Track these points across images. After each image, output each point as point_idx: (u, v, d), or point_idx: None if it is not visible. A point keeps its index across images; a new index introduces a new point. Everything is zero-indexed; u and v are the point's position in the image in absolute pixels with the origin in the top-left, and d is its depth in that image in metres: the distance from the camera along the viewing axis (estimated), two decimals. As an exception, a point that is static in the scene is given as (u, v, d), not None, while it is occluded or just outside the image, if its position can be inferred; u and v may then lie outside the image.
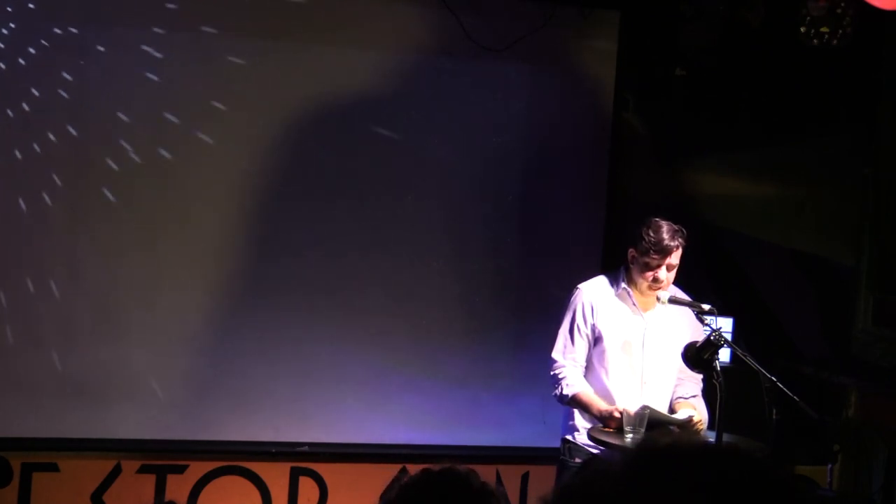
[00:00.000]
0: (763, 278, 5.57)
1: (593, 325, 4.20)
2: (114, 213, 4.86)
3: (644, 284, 4.13)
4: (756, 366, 3.86)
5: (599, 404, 4.09)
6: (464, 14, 5.08)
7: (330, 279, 5.08)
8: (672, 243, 4.06)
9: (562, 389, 4.18)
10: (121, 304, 4.88)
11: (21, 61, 4.72)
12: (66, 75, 4.77)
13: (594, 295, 4.24)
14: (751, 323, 5.30)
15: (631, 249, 4.16)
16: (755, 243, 5.55)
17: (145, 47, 4.86)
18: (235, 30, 4.97)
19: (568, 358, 4.23)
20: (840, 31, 4.43)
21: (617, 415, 3.98)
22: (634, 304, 4.20)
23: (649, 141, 5.46)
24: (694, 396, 4.25)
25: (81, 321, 4.84)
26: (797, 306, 5.60)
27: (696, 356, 3.93)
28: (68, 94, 4.78)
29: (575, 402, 4.16)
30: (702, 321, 3.99)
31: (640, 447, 1.24)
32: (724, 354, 4.13)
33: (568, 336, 4.24)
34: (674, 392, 4.28)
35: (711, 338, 3.87)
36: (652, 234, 4.06)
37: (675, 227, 4.09)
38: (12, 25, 4.71)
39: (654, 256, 4.07)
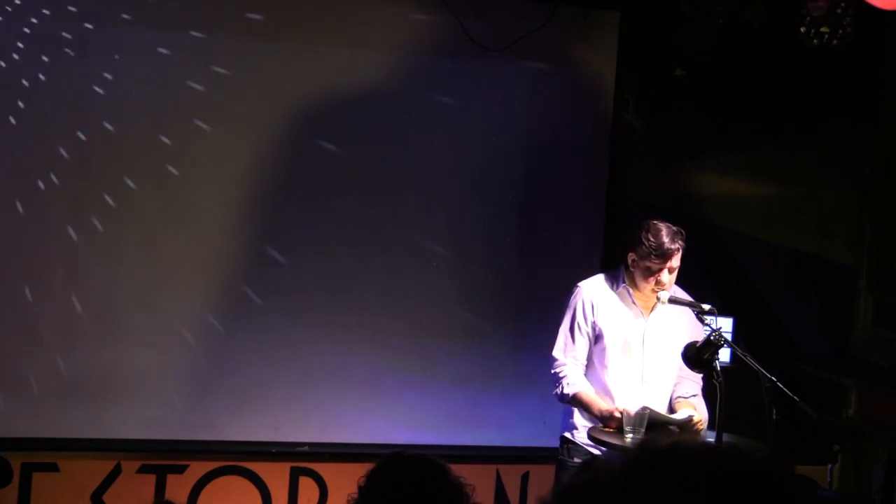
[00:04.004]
0: (763, 278, 5.57)
1: (593, 322, 4.20)
2: (114, 213, 4.87)
3: (647, 287, 4.11)
4: (756, 366, 3.85)
5: (600, 404, 4.09)
6: (464, 14, 5.08)
7: (330, 279, 5.08)
8: (673, 246, 4.04)
9: (562, 388, 4.17)
10: (121, 304, 4.88)
11: (21, 61, 4.72)
12: (65, 75, 4.78)
13: (594, 293, 4.23)
14: (751, 323, 5.31)
15: (630, 253, 4.13)
16: (755, 243, 5.55)
17: (145, 47, 4.86)
18: (235, 30, 4.97)
19: (569, 356, 4.23)
20: (840, 31, 4.43)
21: (617, 415, 3.98)
22: (634, 303, 4.20)
23: (649, 141, 5.46)
24: (694, 396, 4.24)
25: (81, 321, 4.84)
26: (797, 306, 5.60)
27: (696, 356, 3.92)
28: (68, 94, 4.79)
29: (575, 401, 4.16)
30: (702, 321, 3.99)
31: (641, 448, 1.24)
32: (724, 354, 4.12)
33: (568, 334, 4.23)
34: (674, 391, 4.28)
35: (711, 338, 3.87)
36: (652, 239, 4.03)
37: (675, 230, 4.08)
38: (11, 25, 4.71)
39: (655, 261, 4.05)
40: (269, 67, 5.00)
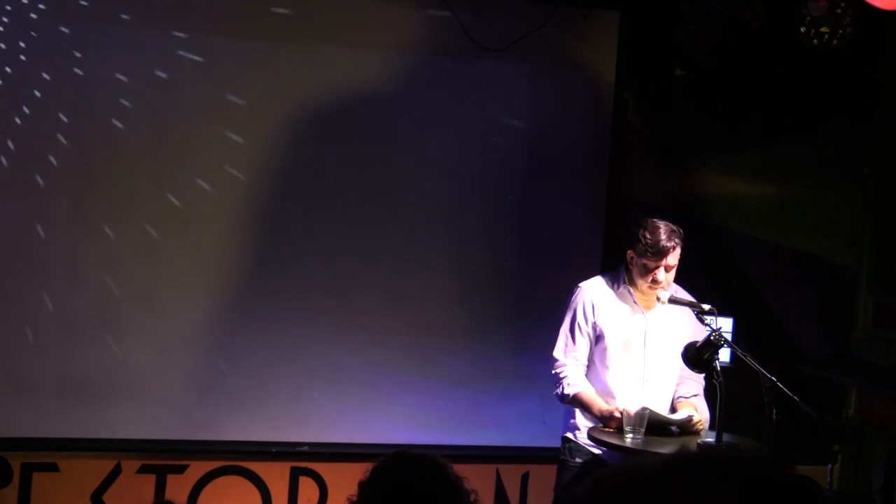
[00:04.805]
0: (763, 278, 5.57)
1: (594, 323, 4.20)
2: (114, 212, 4.86)
3: (644, 285, 4.13)
4: (756, 366, 3.86)
5: (600, 404, 4.10)
6: (464, 14, 5.08)
7: (330, 279, 5.08)
8: (669, 244, 4.06)
9: (563, 388, 4.18)
10: (121, 304, 4.88)
11: (21, 62, 4.72)
12: (66, 75, 4.77)
13: (595, 293, 4.24)
14: (751, 323, 5.30)
15: (629, 251, 4.16)
16: (755, 243, 5.55)
17: (145, 47, 4.86)
18: (235, 30, 4.97)
19: (569, 356, 4.23)
20: (840, 31, 4.43)
21: (617, 415, 3.98)
22: (635, 303, 4.21)
23: (649, 141, 5.45)
24: (695, 396, 4.25)
25: (81, 321, 4.84)
26: (797, 306, 5.60)
27: (696, 356, 3.93)
28: (69, 94, 4.78)
29: (576, 401, 4.17)
30: (702, 321, 3.99)
31: (679, 451, 1.27)
32: (724, 354, 4.13)
33: (569, 335, 4.24)
34: (675, 391, 4.28)
35: (711, 338, 3.88)
36: (649, 236, 4.06)
37: (672, 228, 4.09)
38: (12, 25, 4.71)
39: (652, 258, 4.07)
40: (269, 67, 4.99)
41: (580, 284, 4.30)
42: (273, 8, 5.01)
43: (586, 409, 4.16)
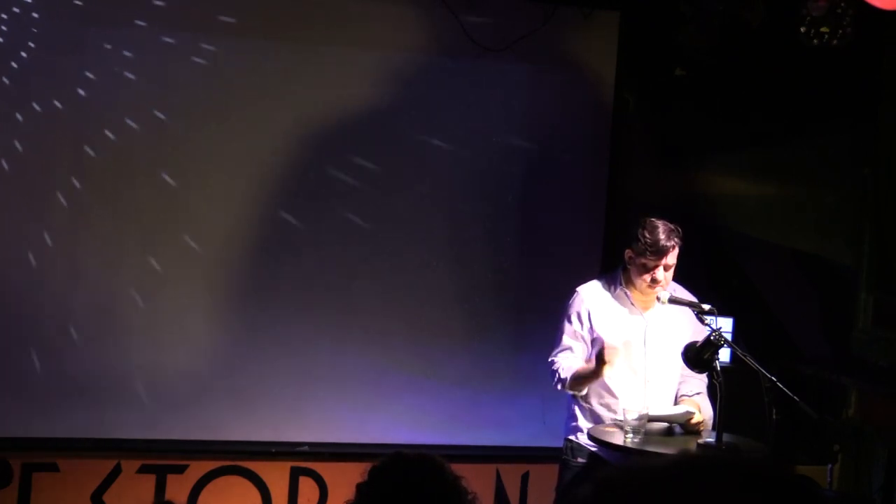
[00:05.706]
0: (763, 278, 5.57)
1: (591, 328, 4.20)
2: (114, 212, 4.87)
3: (643, 285, 4.13)
4: (756, 366, 3.86)
5: (587, 363, 4.09)
6: (464, 14, 5.08)
7: (330, 279, 5.08)
8: (668, 243, 4.05)
9: (558, 376, 4.14)
10: (121, 304, 4.88)
11: (24, 63, 4.72)
12: (65, 77, 4.77)
13: (592, 298, 4.23)
14: (751, 323, 5.30)
15: (628, 250, 4.15)
16: (755, 243, 5.55)
17: (147, 48, 4.86)
18: (235, 31, 4.97)
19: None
20: (840, 31, 4.43)
21: (600, 347, 3.97)
22: (633, 304, 4.20)
23: (649, 141, 5.46)
24: (698, 394, 4.25)
25: (81, 321, 4.84)
26: (797, 306, 5.60)
27: (696, 356, 3.93)
28: (69, 93, 4.78)
29: (573, 380, 4.12)
30: (702, 321, 3.99)
31: (680, 453, 1.28)
32: (724, 354, 4.12)
33: (565, 340, 4.23)
34: (678, 390, 4.28)
35: (711, 338, 3.88)
36: (648, 235, 4.05)
37: (671, 227, 4.09)
38: (14, 25, 4.71)
39: (651, 257, 4.06)
40: (269, 68, 4.99)
41: (577, 289, 4.28)
42: (272, 9, 5.00)
43: (582, 379, 4.10)
